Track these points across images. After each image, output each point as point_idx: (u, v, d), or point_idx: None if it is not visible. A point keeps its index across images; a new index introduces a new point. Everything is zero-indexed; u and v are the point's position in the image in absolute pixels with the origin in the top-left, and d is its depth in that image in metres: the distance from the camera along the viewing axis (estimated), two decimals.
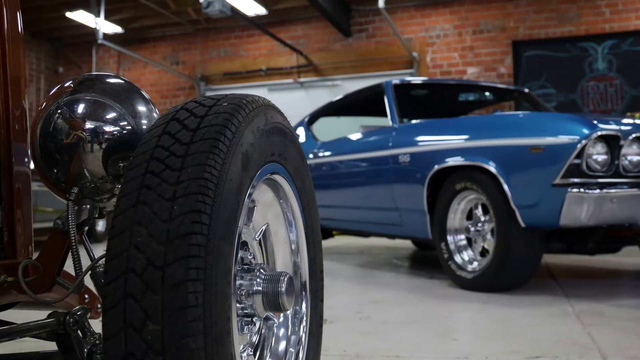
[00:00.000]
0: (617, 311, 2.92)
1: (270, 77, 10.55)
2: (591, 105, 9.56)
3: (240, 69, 10.67)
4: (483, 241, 3.68)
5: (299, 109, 9.67)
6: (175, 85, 11.07)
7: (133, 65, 11.27)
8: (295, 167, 1.32)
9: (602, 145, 3.08)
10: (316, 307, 1.43)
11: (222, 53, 10.88)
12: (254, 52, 10.70)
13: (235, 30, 10.78)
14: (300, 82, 10.38)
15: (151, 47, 11.20)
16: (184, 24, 10.65)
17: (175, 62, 11.07)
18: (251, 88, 10.65)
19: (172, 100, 11.04)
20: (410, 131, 4.26)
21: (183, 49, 11.07)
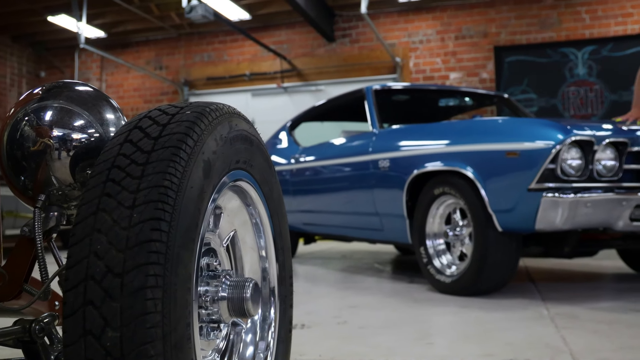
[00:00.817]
0: (591, 314, 2.95)
1: (253, 82, 10.56)
2: (572, 110, 9.66)
3: (224, 73, 10.67)
4: (461, 245, 3.71)
5: (282, 114, 9.71)
6: (158, 90, 11.05)
7: (116, 70, 11.23)
8: (262, 174, 1.33)
9: (576, 150, 3.12)
10: (285, 313, 1.44)
11: (205, 58, 10.87)
12: (238, 57, 10.71)
13: (218, 35, 10.79)
14: (284, 87, 10.39)
15: (134, 51, 11.18)
16: (167, 28, 10.64)
17: (159, 67, 11.06)
18: (235, 93, 10.66)
19: (156, 105, 10.97)
20: (390, 136, 4.28)
21: (166, 54, 11.06)
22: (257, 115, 10.50)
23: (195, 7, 7.61)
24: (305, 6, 8.78)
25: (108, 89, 11.26)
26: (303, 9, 8.74)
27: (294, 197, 5.41)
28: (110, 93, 11.24)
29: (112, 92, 11.24)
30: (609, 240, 3.83)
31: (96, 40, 10.80)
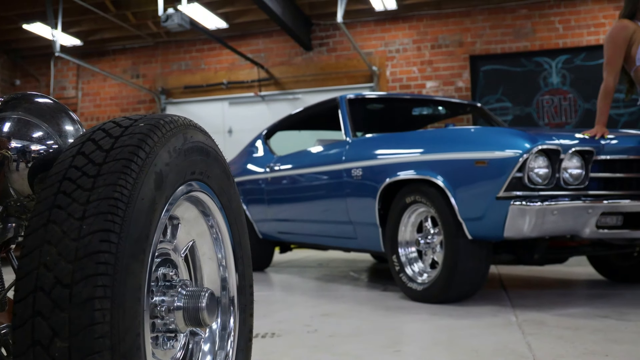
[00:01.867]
0: (558, 320, 3.00)
1: (231, 90, 10.56)
2: (546, 118, 9.79)
3: (201, 82, 10.66)
4: (433, 253, 3.74)
5: (260, 122, 9.71)
6: (135, 98, 11.01)
7: (93, 78, 11.17)
8: (220, 185, 1.35)
9: (543, 159, 3.17)
10: (245, 322, 1.46)
11: (183, 66, 10.86)
12: (215, 65, 10.71)
13: (196, 44, 10.78)
14: (262, 95, 10.41)
15: (111, 59, 11.13)
16: (144, 37, 10.61)
17: (136, 75, 11.02)
18: (212, 102, 10.66)
19: (132, 113, 10.95)
20: (363, 145, 4.32)
21: (143, 62, 11.02)
22: (234, 124, 10.51)
23: (171, 16, 7.59)
24: (282, 15, 8.82)
25: (85, 97, 11.20)
26: (280, 18, 8.77)
27: (269, 205, 5.42)
28: (86, 101, 11.18)
29: (89, 100, 11.18)
30: (578, 247, 3.89)
31: (72, 48, 10.74)
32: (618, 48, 3.48)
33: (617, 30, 3.51)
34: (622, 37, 3.48)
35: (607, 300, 3.60)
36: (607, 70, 3.52)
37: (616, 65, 3.50)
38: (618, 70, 3.51)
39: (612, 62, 3.50)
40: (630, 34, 3.47)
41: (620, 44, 3.48)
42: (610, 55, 3.50)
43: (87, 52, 11.03)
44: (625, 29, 3.49)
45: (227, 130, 10.53)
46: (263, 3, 8.18)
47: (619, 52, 3.48)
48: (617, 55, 3.48)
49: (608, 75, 3.51)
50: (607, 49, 3.52)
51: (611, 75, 3.50)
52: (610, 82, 3.50)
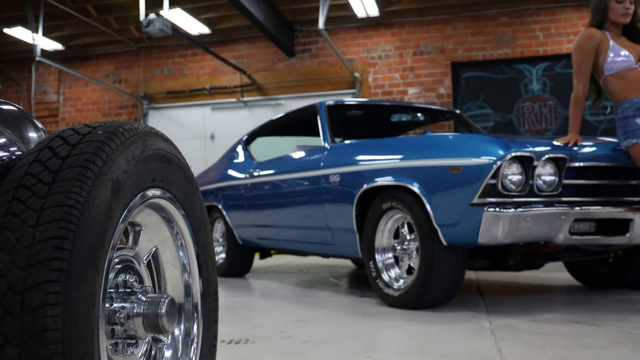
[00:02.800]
0: (531, 326, 3.02)
1: (213, 96, 10.56)
2: (527, 125, 9.88)
3: (184, 87, 10.65)
4: (409, 259, 3.76)
5: (242, 128, 9.70)
6: (117, 103, 10.97)
7: (74, 83, 11.12)
8: (182, 192, 1.36)
9: (516, 166, 3.20)
10: (209, 328, 1.46)
11: (165, 71, 10.84)
12: (198, 70, 10.70)
13: (179, 49, 10.77)
14: (244, 101, 10.41)
15: (93, 64, 11.09)
16: (126, 42, 10.58)
17: (118, 80, 10.98)
18: (194, 107, 10.65)
19: (114, 119, 10.92)
20: (341, 151, 4.34)
21: (126, 67, 10.99)
22: (216, 129, 10.50)
23: (153, 21, 7.58)
24: (264, 21, 8.84)
25: (66, 102, 11.15)
26: (262, 24, 8.79)
27: (248, 211, 5.43)
28: (68, 106, 11.13)
29: (71, 105, 11.13)
30: (554, 254, 3.93)
31: (54, 52, 10.69)
32: (586, 56, 3.53)
33: (584, 39, 3.56)
34: (589, 46, 3.53)
35: (580, 306, 3.64)
36: (576, 79, 3.56)
37: (585, 74, 3.54)
38: (587, 79, 3.55)
39: (581, 70, 3.54)
40: (597, 43, 3.52)
41: (588, 52, 3.53)
42: (578, 64, 3.55)
43: (69, 57, 10.98)
44: (592, 38, 3.54)
45: (210, 135, 10.52)
46: (245, 9, 8.19)
47: (587, 60, 3.52)
48: (585, 64, 3.53)
49: (577, 83, 3.55)
50: (575, 57, 3.57)
51: (580, 84, 3.55)
52: (580, 90, 3.55)
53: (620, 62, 3.44)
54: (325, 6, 7.61)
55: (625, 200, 3.49)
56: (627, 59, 3.43)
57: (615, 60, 3.45)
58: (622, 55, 3.44)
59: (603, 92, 3.70)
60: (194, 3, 9.23)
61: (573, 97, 3.59)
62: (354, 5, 8.91)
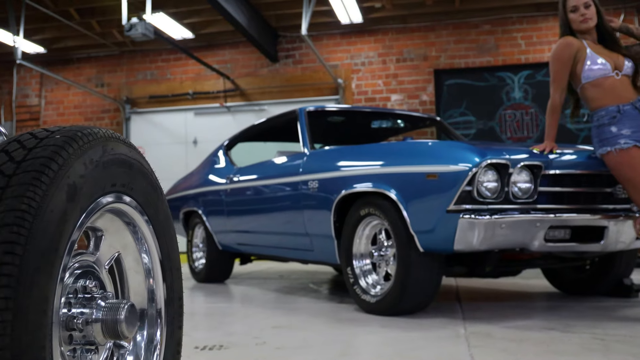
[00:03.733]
0: (505, 332, 3.04)
1: (196, 101, 10.53)
2: (509, 132, 9.94)
3: (167, 92, 10.61)
4: (386, 265, 3.76)
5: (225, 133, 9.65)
6: (99, 107, 10.91)
7: (56, 86, 11.05)
8: (145, 197, 1.35)
9: (492, 173, 3.22)
10: (172, 334, 1.45)
11: (148, 76, 10.80)
12: (181, 75, 10.67)
13: (162, 53, 10.74)
14: (227, 106, 10.39)
15: (75, 68, 11.02)
16: (109, 45, 10.53)
17: (100, 84, 10.92)
18: (177, 112, 10.61)
19: (97, 123, 10.85)
20: (320, 157, 4.34)
21: (108, 71, 10.93)
22: (199, 135, 10.46)
23: (135, 25, 7.55)
24: (247, 27, 8.83)
25: (48, 105, 11.07)
26: (246, 29, 8.78)
27: (228, 217, 5.41)
28: (50, 110, 11.05)
29: (52, 109, 11.04)
30: (531, 260, 3.95)
31: (36, 55, 10.62)
32: (563, 65, 3.56)
33: (561, 47, 3.59)
34: (566, 54, 3.55)
35: (555, 312, 3.66)
36: (553, 87, 3.59)
37: (562, 82, 3.57)
38: (564, 87, 3.58)
39: (558, 79, 3.57)
40: (575, 51, 3.55)
41: (565, 60, 3.55)
42: (555, 72, 3.58)
43: (51, 60, 10.91)
44: (570, 46, 3.57)
45: (192, 140, 10.49)
46: (228, 14, 8.18)
47: (564, 69, 3.55)
48: (562, 72, 3.56)
49: (554, 92, 3.58)
50: (552, 66, 3.59)
51: (557, 92, 3.57)
52: (557, 98, 3.57)
53: (597, 70, 3.47)
54: (308, 12, 7.62)
55: (600, 207, 3.52)
56: (604, 67, 3.46)
57: (592, 68, 3.48)
58: (599, 63, 3.47)
59: (581, 101, 3.72)
60: (177, 7, 9.21)
61: (549, 105, 3.61)
62: (338, 11, 8.94)
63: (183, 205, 6.32)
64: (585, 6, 3.59)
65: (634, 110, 3.38)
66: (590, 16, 3.57)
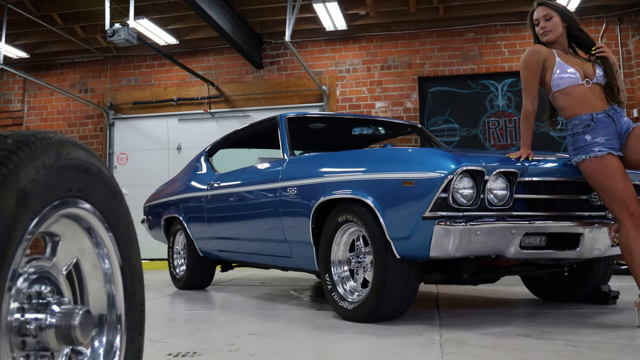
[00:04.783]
0: (480, 339, 3.04)
1: (181, 107, 10.51)
2: (492, 140, 10.00)
3: (151, 98, 10.59)
4: (364, 272, 3.76)
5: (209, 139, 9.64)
6: (83, 113, 10.87)
7: (39, 92, 11.00)
8: (104, 202, 1.34)
9: (467, 180, 3.23)
10: (133, 340, 1.44)
11: (132, 82, 10.77)
12: (165, 81, 10.66)
13: (146, 59, 10.72)
14: (211, 112, 10.38)
15: (59, 73, 10.98)
16: (93, 51, 10.50)
17: (84, 90, 10.88)
18: (161, 118, 10.59)
19: (80, 128, 10.81)
20: (299, 164, 4.34)
21: (92, 77, 10.90)
22: (183, 141, 10.44)
23: (118, 31, 7.53)
24: (232, 33, 8.84)
25: (31, 111, 11.01)
26: (230, 35, 8.79)
27: (208, 223, 5.39)
28: (33, 115, 10.99)
29: (35, 114, 10.99)
30: (509, 267, 3.95)
31: (18, 60, 10.56)
32: (532, 72, 3.59)
33: (529, 55, 3.63)
34: (535, 61, 3.59)
35: (532, 319, 3.67)
36: (525, 95, 3.62)
37: (533, 89, 3.60)
38: (535, 94, 3.61)
39: (529, 86, 3.60)
40: (543, 59, 3.59)
41: (534, 67, 3.59)
42: (525, 80, 3.61)
43: (34, 65, 10.87)
44: (538, 54, 3.60)
45: (176, 147, 10.46)
46: (212, 20, 8.19)
47: (534, 76, 3.58)
48: (532, 80, 3.59)
49: (526, 99, 3.61)
50: (522, 73, 3.63)
51: (529, 99, 3.60)
52: (529, 106, 3.60)
53: (566, 79, 3.50)
54: (291, 19, 7.64)
55: (575, 214, 3.54)
56: (573, 76, 3.49)
57: (562, 76, 3.51)
58: (568, 72, 3.50)
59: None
60: (161, 13, 9.21)
61: (523, 112, 3.64)
62: (322, 18, 8.97)
63: (164, 212, 6.30)
64: (545, 19, 3.64)
65: (607, 118, 3.41)
66: (549, 29, 3.62)
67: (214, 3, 8.24)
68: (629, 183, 3.32)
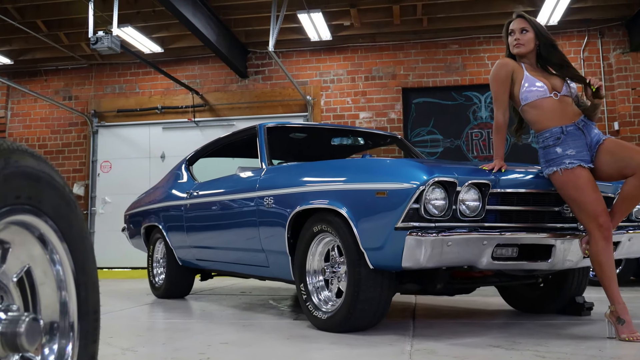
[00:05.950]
0: (450, 349, 3.05)
1: (165, 115, 10.51)
2: (475, 151, 10.06)
3: (135, 106, 10.58)
4: (338, 282, 3.76)
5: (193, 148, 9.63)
6: (67, 120, 10.84)
7: (23, 99, 10.96)
8: (56, 210, 1.35)
9: (439, 190, 3.24)
10: (86, 348, 1.44)
11: (117, 89, 10.76)
12: (150, 89, 10.65)
13: (131, 67, 10.72)
14: (196, 121, 10.38)
15: (43, 80, 10.96)
16: (77, 58, 10.48)
17: (68, 97, 10.86)
18: (145, 126, 10.58)
19: (64, 135, 10.77)
20: (276, 174, 4.35)
21: (76, 84, 10.88)
22: (167, 149, 10.43)
23: (101, 39, 7.54)
24: (217, 42, 8.86)
25: (14, 117, 10.96)
26: (215, 44, 8.81)
27: (187, 232, 5.39)
28: (16, 122, 10.95)
29: (19, 121, 10.94)
30: (484, 278, 3.98)
31: (2, 67, 10.53)
32: (501, 84, 3.63)
33: (498, 68, 3.67)
34: (503, 74, 3.64)
35: (505, 330, 3.69)
36: (495, 107, 3.66)
37: (503, 102, 3.63)
38: (506, 106, 3.64)
39: (499, 98, 3.64)
40: (511, 72, 3.63)
41: (503, 80, 3.63)
42: (495, 92, 3.65)
43: (18, 72, 10.83)
44: (506, 66, 3.65)
45: (160, 155, 10.45)
46: (197, 29, 8.20)
47: (503, 88, 3.63)
48: (502, 92, 3.63)
49: (497, 111, 3.64)
50: (492, 86, 3.67)
51: (499, 112, 3.63)
52: (500, 118, 3.63)
53: (535, 92, 3.54)
54: (275, 29, 7.67)
55: (547, 226, 3.56)
56: (541, 89, 3.53)
57: (530, 89, 3.55)
58: (537, 85, 3.54)
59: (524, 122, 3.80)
60: (146, 22, 9.22)
61: (494, 125, 3.67)
62: (307, 28, 9.01)
63: (144, 220, 6.28)
64: (521, 31, 3.68)
65: (577, 130, 3.45)
66: (523, 42, 3.66)
67: (199, 12, 8.26)
68: (598, 195, 3.35)
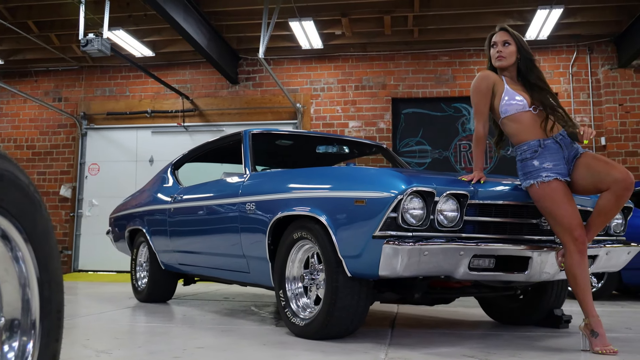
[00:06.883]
0: (424, 358, 3.07)
1: (155, 119, 10.51)
2: (463, 163, 10.11)
3: (125, 109, 10.57)
4: (317, 289, 3.78)
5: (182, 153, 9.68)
6: (56, 122, 10.82)
7: (12, 99, 10.94)
8: (19, 209, 1.36)
9: (417, 200, 3.27)
10: (47, 347, 1.45)
11: (107, 92, 10.76)
12: (140, 93, 10.66)
13: (122, 70, 10.72)
14: (185, 126, 10.39)
15: (33, 81, 10.94)
16: (68, 60, 10.48)
17: (58, 99, 10.84)
18: (135, 129, 10.58)
19: (52, 137, 10.75)
20: (258, 180, 4.37)
21: (67, 86, 10.87)
22: (156, 153, 10.42)
23: (91, 41, 7.54)
24: (208, 48, 8.88)
25: (3, 118, 10.93)
26: (206, 50, 8.83)
27: (170, 237, 5.39)
28: (5, 123, 10.92)
29: (7, 121, 10.92)
30: (463, 289, 4.00)
31: None
32: (482, 96, 3.66)
33: (479, 80, 3.70)
34: (484, 86, 3.67)
35: (481, 341, 3.71)
36: (476, 119, 3.69)
37: (483, 114, 3.67)
38: (486, 118, 3.68)
39: (479, 110, 3.67)
40: (492, 84, 3.66)
41: (484, 92, 3.66)
42: (476, 104, 3.68)
43: (8, 72, 10.82)
44: (487, 79, 3.68)
45: (149, 159, 10.44)
46: (188, 34, 8.22)
47: (484, 100, 3.66)
48: (482, 104, 3.66)
49: (477, 123, 3.67)
50: (472, 98, 3.70)
51: (480, 123, 3.66)
52: (480, 129, 3.66)
53: (514, 105, 3.58)
54: (266, 36, 7.70)
55: (525, 238, 3.59)
56: (521, 103, 3.57)
57: (510, 103, 3.59)
58: (516, 99, 3.58)
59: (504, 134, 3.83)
60: (137, 25, 9.23)
61: (474, 136, 3.70)
62: (299, 36, 9.05)
63: (128, 223, 6.28)
64: (503, 44, 3.71)
65: (554, 144, 3.48)
66: (505, 55, 3.69)
67: (190, 17, 8.28)
68: (574, 208, 3.39)
